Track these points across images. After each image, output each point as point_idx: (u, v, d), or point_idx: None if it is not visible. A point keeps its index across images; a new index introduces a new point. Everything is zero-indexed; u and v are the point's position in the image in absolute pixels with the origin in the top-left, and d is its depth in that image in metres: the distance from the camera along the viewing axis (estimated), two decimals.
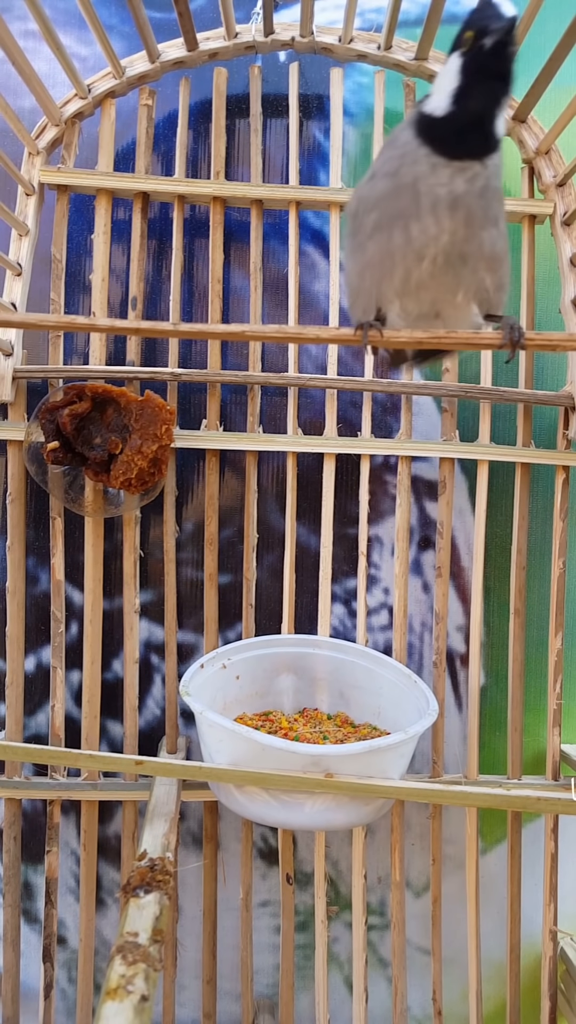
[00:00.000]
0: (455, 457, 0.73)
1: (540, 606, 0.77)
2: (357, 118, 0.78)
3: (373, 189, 0.46)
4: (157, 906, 0.45)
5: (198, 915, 0.75)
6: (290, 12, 0.76)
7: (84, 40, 0.76)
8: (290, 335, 0.45)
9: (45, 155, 0.71)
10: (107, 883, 0.77)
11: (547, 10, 0.59)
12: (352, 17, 0.68)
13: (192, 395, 0.76)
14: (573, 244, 0.72)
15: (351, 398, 0.76)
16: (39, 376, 0.70)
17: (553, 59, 0.61)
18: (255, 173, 0.73)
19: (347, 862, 0.77)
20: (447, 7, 0.64)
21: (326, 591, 0.73)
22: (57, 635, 0.71)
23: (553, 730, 0.73)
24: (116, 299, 0.76)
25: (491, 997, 0.78)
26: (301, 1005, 0.77)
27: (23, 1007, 0.73)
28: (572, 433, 0.72)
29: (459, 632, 0.78)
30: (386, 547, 0.78)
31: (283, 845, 0.73)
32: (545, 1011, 0.73)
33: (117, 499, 0.70)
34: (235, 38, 0.71)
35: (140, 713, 0.75)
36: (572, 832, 0.78)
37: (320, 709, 0.71)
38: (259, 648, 0.70)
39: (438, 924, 0.74)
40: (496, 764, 0.78)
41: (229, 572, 0.76)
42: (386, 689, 0.67)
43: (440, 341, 0.45)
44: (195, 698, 0.57)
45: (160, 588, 0.74)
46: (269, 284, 0.77)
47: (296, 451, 0.73)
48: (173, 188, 0.72)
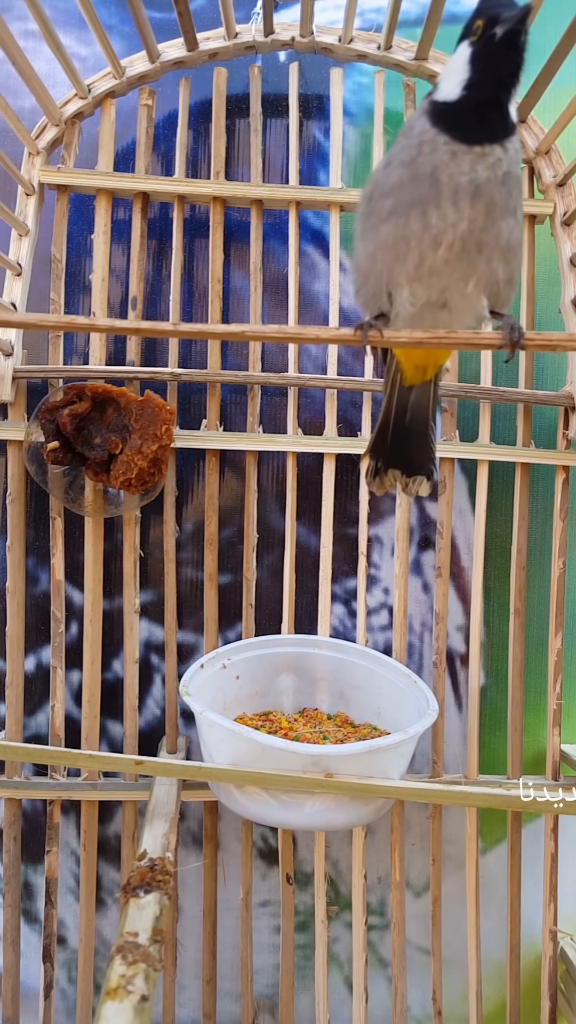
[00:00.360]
0: (455, 457, 0.73)
1: (540, 606, 0.77)
2: (357, 118, 0.78)
3: (389, 176, 0.45)
4: (157, 906, 0.45)
5: (198, 915, 0.75)
6: (290, 12, 0.76)
7: (84, 40, 0.76)
8: (290, 335, 0.44)
9: (45, 155, 0.71)
10: (107, 883, 0.77)
11: (547, 10, 0.59)
12: (352, 17, 0.68)
13: (192, 395, 0.76)
14: (573, 244, 0.72)
15: (351, 398, 0.76)
16: (39, 376, 0.70)
17: (553, 59, 0.61)
18: (255, 173, 0.73)
19: (347, 862, 0.77)
20: (447, 7, 0.64)
21: (326, 591, 0.73)
22: (57, 635, 0.71)
23: (553, 730, 0.73)
24: (116, 299, 0.76)
25: (491, 997, 0.78)
26: (301, 1005, 0.77)
27: (23, 1007, 0.73)
28: (572, 433, 0.72)
29: (459, 632, 0.78)
30: (386, 547, 0.78)
31: (283, 845, 0.73)
32: (545, 1011, 0.73)
33: (117, 499, 0.70)
34: (235, 38, 0.71)
35: (140, 713, 0.75)
36: (572, 832, 0.78)
37: (320, 709, 0.71)
38: (259, 648, 0.70)
39: (438, 924, 0.74)
40: (496, 764, 0.78)
41: (229, 572, 0.76)
42: (386, 689, 0.67)
43: (440, 341, 0.45)
44: (195, 698, 0.57)
45: (160, 588, 0.74)
46: (269, 284, 0.77)
47: (296, 451, 0.73)
48: (173, 188, 0.72)
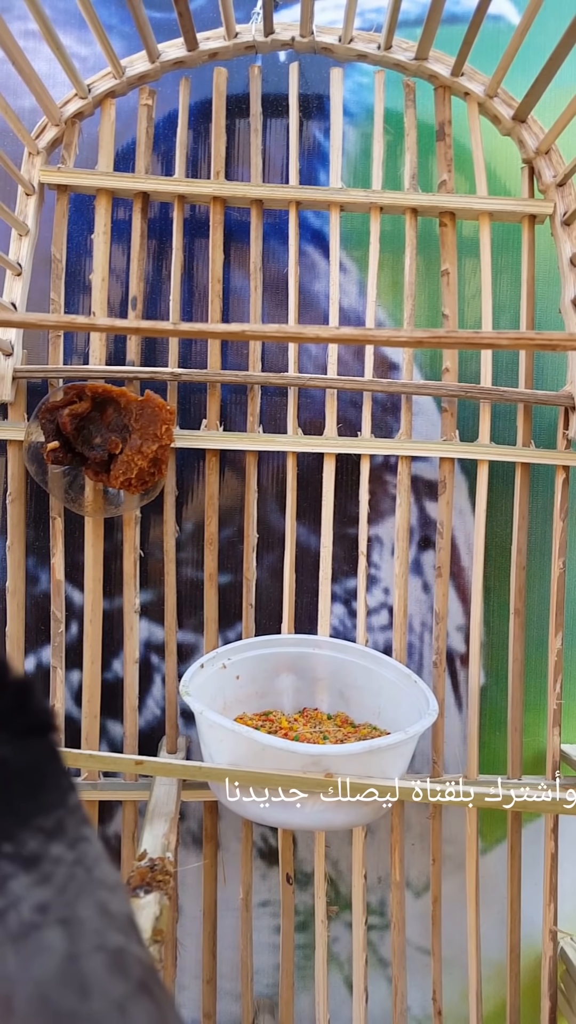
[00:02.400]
0: (455, 457, 0.73)
1: (540, 606, 0.77)
2: (357, 118, 0.78)
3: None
4: (157, 906, 0.45)
5: (198, 915, 0.75)
6: (290, 12, 0.76)
7: (84, 40, 0.76)
8: (290, 335, 0.44)
9: (45, 155, 0.71)
10: None
11: (547, 10, 0.59)
12: (352, 17, 0.68)
13: (192, 395, 0.76)
14: (573, 244, 0.72)
15: (351, 398, 0.76)
16: (39, 376, 0.70)
17: (553, 59, 0.61)
18: (255, 173, 0.73)
19: (347, 862, 0.77)
20: (447, 7, 0.64)
21: (326, 591, 0.73)
22: (57, 635, 0.71)
23: (553, 730, 0.73)
24: (116, 299, 0.76)
25: (491, 997, 0.78)
26: (301, 1005, 0.77)
27: None
28: (572, 433, 0.72)
29: (459, 632, 0.78)
30: (386, 547, 0.78)
31: (283, 845, 0.73)
32: (545, 1011, 0.73)
33: (117, 499, 0.70)
34: (235, 38, 0.71)
35: (140, 713, 0.75)
36: (572, 832, 0.78)
37: (320, 709, 0.71)
38: (259, 648, 0.70)
39: (438, 924, 0.74)
40: (496, 764, 0.78)
41: (229, 572, 0.76)
42: (386, 689, 0.67)
43: (440, 341, 0.45)
44: (195, 698, 0.57)
45: (160, 588, 0.74)
46: (269, 284, 0.77)
47: (296, 451, 0.73)
48: (173, 188, 0.72)
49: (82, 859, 0.19)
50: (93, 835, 0.21)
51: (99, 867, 0.20)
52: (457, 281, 0.74)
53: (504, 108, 0.72)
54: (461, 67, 0.71)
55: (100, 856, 0.20)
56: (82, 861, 0.19)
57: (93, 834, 0.21)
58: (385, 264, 0.76)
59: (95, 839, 0.20)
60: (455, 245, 0.74)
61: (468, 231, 0.78)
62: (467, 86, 0.72)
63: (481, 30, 0.64)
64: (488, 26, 0.76)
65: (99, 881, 0.19)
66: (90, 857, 0.20)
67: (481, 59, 0.72)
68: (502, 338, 0.42)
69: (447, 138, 0.73)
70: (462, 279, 0.78)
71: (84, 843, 0.20)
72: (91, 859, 0.20)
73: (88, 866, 0.19)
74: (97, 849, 0.20)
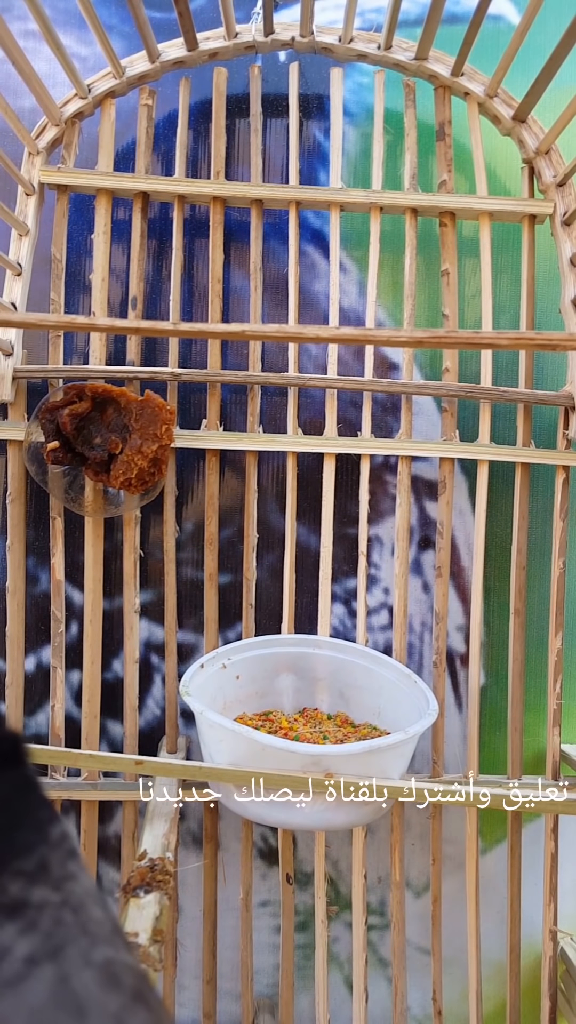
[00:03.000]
0: (455, 457, 0.73)
1: (540, 606, 0.77)
2: (357, 118, 0.78)
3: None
4: (157, 906, 0.45)
5: (198, 915, 0.75)
6: (290, 12, 0.76)
7: (84, 40, 0.76)
8: (290, 335, 0.44)
9: (45, 155, 0.71)
10: (107, 883, 0.77)
11: (547, 10, 0.59)
12: (352, 17, 0.68)
13: (192, 395, 0.76)
14: (573, 244, 0.72)
15: (351, 398, 0.76)
16: (39, 376, 0.70)
17: (553, 59, 0.61)
18: (255, 173, 0.73)
19: (347, 862, 0.77)
20: (447, 7, 0.64)
21: (326, 591, 0.73)
22: (57, 635, 0.71)
23: (553, 730, 0.73)
24: (116, 299, 0.76)
25: (491, 997, 0.78)
26: (301, 1005, 0.77)
27: None
28: (572, 433, 0.72)
29: (459, 632, 0.78)
30: (386, 547, 0.78)
31: (283, 845, 0.73)
32: (545, 1011, 0.73)
33: (117, 499, 0.70)
34: (235, 38, 0.71)
35: (140, 713, 0.75)
36: (572, 832, 0.78)
37: (320, 709, 0.71)
38: (259, 648, 0.70)
39: (438, 924, 0.74)
40: (496, 764, 0.78)
41: (229, 572, 0.76)
42: (386, 689, 0.67)
43: (440, 341, 0.45)
44: (195, 698, 0.57)
45: (160, 588, 0.74)
46: (269, 284, 0.77)
47: (296, 451, 0.73)
48: (173, 188, 0.72)
49: (68, 900, 0.18)
50: (80, 869, 0.19)
51: (87, 908, 0.19)
52: (457, 281, 0.74)
53: (504, 108, 0.72)
54: (461, 67, 0.71)
55: (88, 893, 0.19)
56: (68, 902, 0.18)
57: (80, 868, 0.20)
58: (385, 264, 0.76)
59: (83, 873, 0.19)
60: (455, 245, 0.74)
61: (468, 231, 0.78)
62: (467, 86, 0.72)
63: (481, 30, 0.64)
64: (488, 26, 0.77)
65: (88, 922, 0.18)
66: (76, 896, 0.19)
67: (481, 59, 0.72)
68: (502, 338, 0.42)
69: (447, 138, 0.73)
70: (462, 279, 0.78)
71: (70, 882, 0.19)
72: (78, 899, 0.19)
73: (75, 906, 0.18)
74: (85, 885, 0.19)
